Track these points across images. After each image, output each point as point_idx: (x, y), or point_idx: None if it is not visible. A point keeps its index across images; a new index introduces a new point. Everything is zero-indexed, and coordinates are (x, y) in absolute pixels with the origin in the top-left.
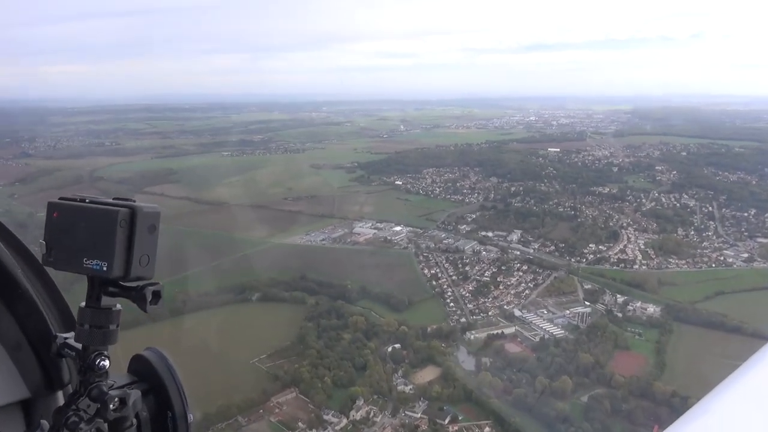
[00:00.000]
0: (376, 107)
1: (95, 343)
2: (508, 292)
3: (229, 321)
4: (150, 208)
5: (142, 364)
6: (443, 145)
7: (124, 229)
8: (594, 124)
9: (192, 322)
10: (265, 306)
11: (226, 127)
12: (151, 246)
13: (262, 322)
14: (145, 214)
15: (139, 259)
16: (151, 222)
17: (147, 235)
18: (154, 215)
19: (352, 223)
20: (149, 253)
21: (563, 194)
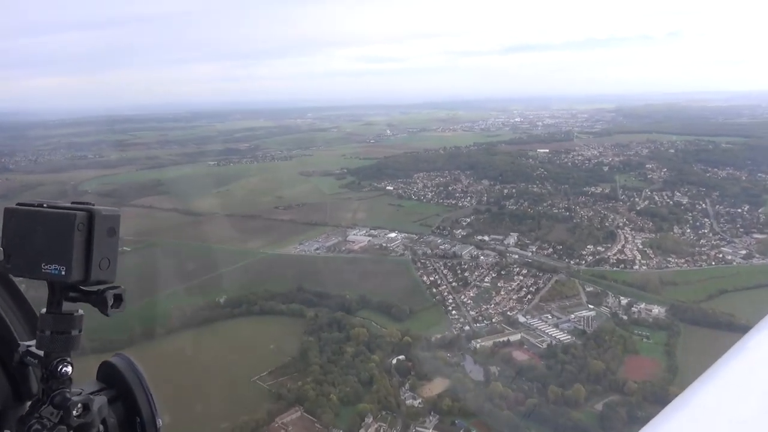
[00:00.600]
0: (361, 112)
1: (57, 349)
2: (509, 298)
3: (226, 337)
4: (109, 211)
5: (110, 370)
6: (432, 148)
7: (82, 232)
8: (579, 123)
9: (189, 339)
10: (262, 320)
11: (210, 136)
12: (112, 249)
13: (260, 337)
14: (104, 217)
15: (99, 262)
16: (110, 225)
17: (106, 238)
18: (114, 218)
19: (345, 231)
20: (109, 256)
21: (556, 195)
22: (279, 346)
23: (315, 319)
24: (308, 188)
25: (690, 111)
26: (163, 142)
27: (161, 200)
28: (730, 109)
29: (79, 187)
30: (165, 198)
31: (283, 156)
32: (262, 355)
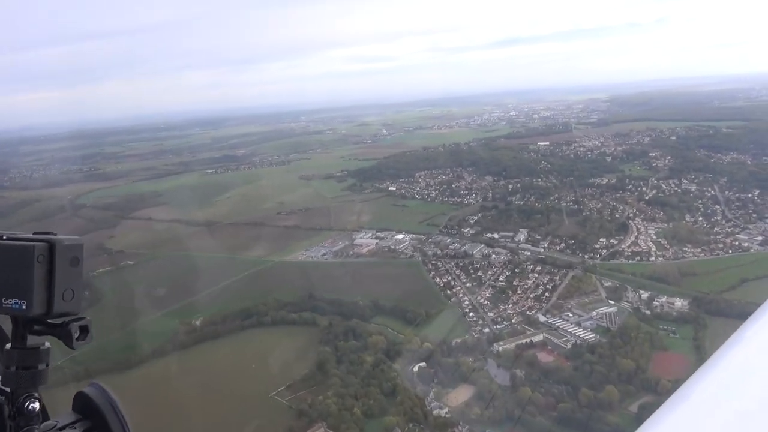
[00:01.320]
0: (355, 113)
1: (23, 385)
2: (527, 297)
3: (239, 350)
4: (71, 241)
5: (85, 401)
6: (430, 146)
7: (42, 264)
8: (575, 114)
9: (201, 355)
10: (275, 331)
11: (205, 143)
12: (76, 279)
13: (274, 349)
14: (66, 247)
15: (62, 294)
16: (73, 254)
17: (69, 268)
18: (77, 247)
19: (351, 235)
20: (73, 287)
21: (562, 188)
22: (295, 358)
23: (329, 328)
24: (309, 192)
25: (684, 96)
26: (158, 152)
27: (161, 211)
28: (724, 93)
29: (77, 201)
30: (165, 209)
31: (280, 161)
32: (278, 368)
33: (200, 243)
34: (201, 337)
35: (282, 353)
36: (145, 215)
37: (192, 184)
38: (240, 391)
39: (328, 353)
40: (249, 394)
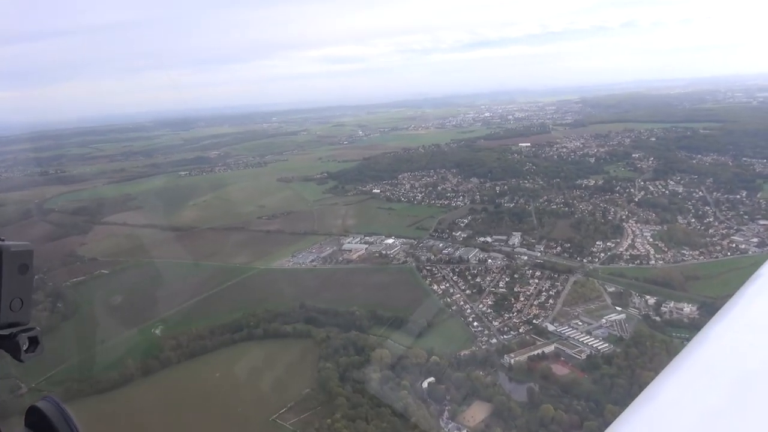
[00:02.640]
0: (327, 114)
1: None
2: (530, 304)
3: (232, 367)
4: (19, 247)
5: (38, 416)
6: (410, 147)
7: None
8: (549, 115)
9: (190, 373)
10: (268, 344)
11: (176, 145)
12: (25, 288)
13: (270, 366)
14: (14, 254)
15: (10, 303)
16: (22, 262)
17: (18, 276)
18: (26, 254)
19: (339, 240)
20: (22, 296)
21: (550, 190)
22: (293, 375)
23: (326, 341)
24: (290, 195)
25: (653, 98)
26: (127, 154)
27: (135, 216)
28: (692, 95)
29: (45, 205)
30: (139, 213)
31: (256, 162)
32: (276, 387)
33: (179, 250)
34: (189, 353)
35: (278, 370)
36: (118, 220)
37: (165, 187)
38: (237, 415)
39: (330, 370)
40: (248, 418)
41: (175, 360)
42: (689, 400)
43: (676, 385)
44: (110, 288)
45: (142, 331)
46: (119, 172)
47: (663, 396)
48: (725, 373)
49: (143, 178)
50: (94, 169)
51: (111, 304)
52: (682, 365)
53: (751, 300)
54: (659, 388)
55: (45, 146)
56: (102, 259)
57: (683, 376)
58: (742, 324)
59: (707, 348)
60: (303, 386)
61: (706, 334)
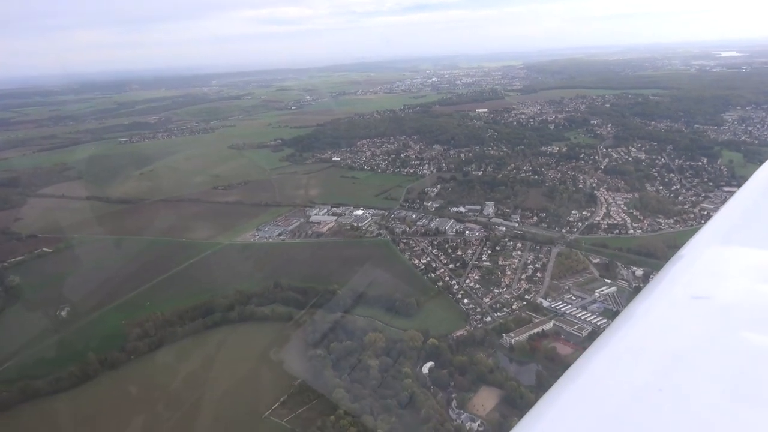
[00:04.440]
0: (268, 77)
1: None
2: (518, 278)
3: (209, 357)
4: None
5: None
6: (363, 113)
7: None
8: (497, 81)
9: (162, 366)
10: (245, 329)
11: (109, 109)
12: None
13: (252, 354)
14: None
15: None
16: None
17: None
18: None
19: (304, 211)
20: None
21: (516, 157)
22: (279, 364)
23: (311, 324)
24: (245, 163)
25: (595, 65)
26: (56, 119)
27: (74, 187)
28: (631, 62)
29: None
30: (78, 184)
31: (201, 128)
32: (262, 379)
33: (130, 224)
34: (157, 342)
35: (262, 359)
36: (55, 192)
37: (105, 155)
38: (226, 412)
39: (322, 357)
40: (238, 416)
41: (144, 350)
42: (615, 379)
43: (602, 364)
44: (56, 269)
45: (101, 317)
46: (49, 138)
47: (588, 374)
48: (649, 352)
49: (77, 145)
50: (20, 135)
51: (60, 287)
52: (607, 343)
53: (674, 279)
54: (584, 367)
55: None
56: (42, 235)
57: (609, 354)
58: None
59: (632, 326)
60: (293, 377)
61: (631, 312)
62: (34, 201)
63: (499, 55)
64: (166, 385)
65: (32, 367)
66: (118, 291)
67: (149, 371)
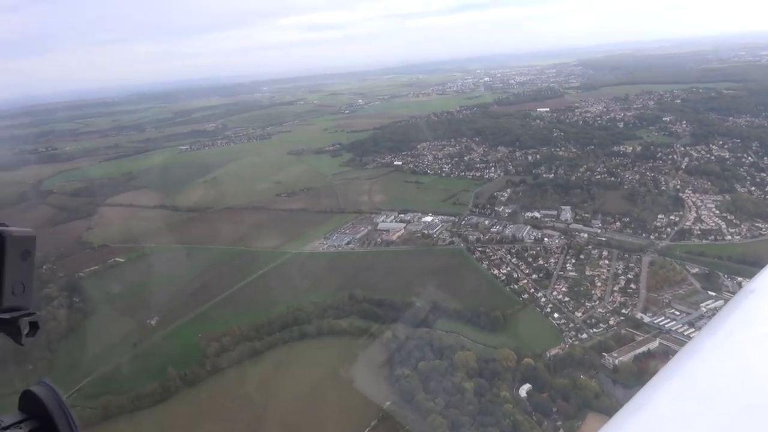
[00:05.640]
0: (317, 82)
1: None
2: (610, 290)
3: (290, 375)
4: (22, 233)
5: (33, 401)
6: (419, 115)
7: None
8: (552, 79)
9: (242, 383)
10: (323, 344)
11: (167, 118)
12: (26, 273)
13: (335, 372)
14: (17, 239)
15: (12, 288)
16: (24, 247)
17: (20, 261)
18: (28, 240)
19: (371, 218)
20: (24, 280)
21: (587, 158)
22: (365, 383)
23: (393, 339)
24: (305, 169)
25: (654, 59)
26: (118, 128)
27: (141, 196)
28: (693, 55)
29: (41, 186)
30: (144, 193)
31: (258, 135)
32: (350, 399)
33: (198, 232)
34: (236, 357)
35: (346, 377)
36: (123, 201)
37: (168, 164)
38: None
39: (411, 378)
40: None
41: (223, 365)
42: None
43: (663, 399)
44: (129, 279)
45: (177, 330)
46: (113, 148)
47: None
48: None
49: (140, 154)
50: (86, 146)
51: (134, 298)
52: (670, 378)
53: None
54: (645, 401)
55: (30, 122)
56: (114, 245)
57: (671, 389)
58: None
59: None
60: (382, 398)
61: (698, 345)
62: (104, 210)
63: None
64: (248, 405)
65: (112, 382)
66: (192, 302)
67: (230, 389)
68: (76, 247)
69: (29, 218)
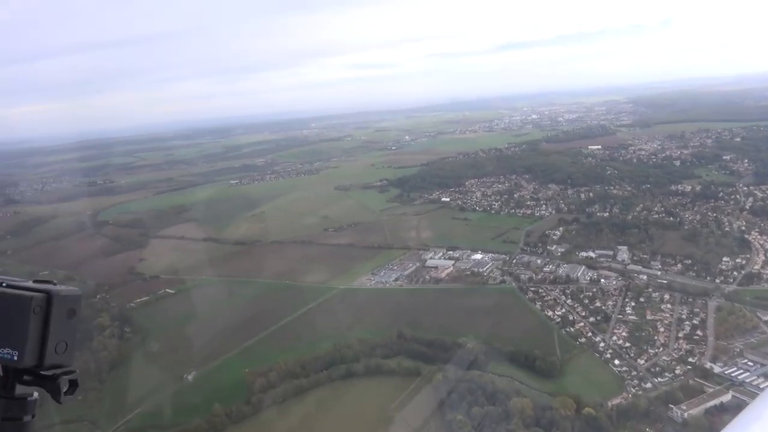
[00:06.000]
0: (365, 119)
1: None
2: (675, 336)
3: (338, 417)
4: (69, 292)
5: None
6: (467, 152)
7: (38, 315)
8: (602, 116)
9: (289, 422)
10: (372, 384)
11: (218, 153)
12: (70, 332)
13: (385, 415)
14: (63, 299)
15: (55, 346)
16: (70, 306)
17: (65, 320)
18: (74, 299)
19: (419, 254)
20: (67, 339)
21: (643, 197)
22: (415, 429)
23: (444, 382)
24: (352, 204)
25: (708, 97)
26: (171, 162)
27: (191, 228)
28: (751, 92)
29: (98, 217)
30: (195, 226)
31: (306, 170)
32: None
33: (246, 266)
34: (282, 394)
35: (396, 421)
36: (174, 233)
37: (218, 197)
38: None
39: (463, 423)
40: None
41: (269, 403)
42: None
43: None
44: (179, 310)
45: (223, 365)
46: (166, 181)
47: None
48: None
49: (192, 188)
50: (141, 179)
51: (183, 330)
52: None
53: None
54: None
55: (89, 156)
56: (164, 276)
57: None
58: None
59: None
60: None
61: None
62: (156, 242)
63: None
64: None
65: (158, 416)
66: (239, 336)
67: (275, 428)
68: (129, 278)
69: (86, 248)
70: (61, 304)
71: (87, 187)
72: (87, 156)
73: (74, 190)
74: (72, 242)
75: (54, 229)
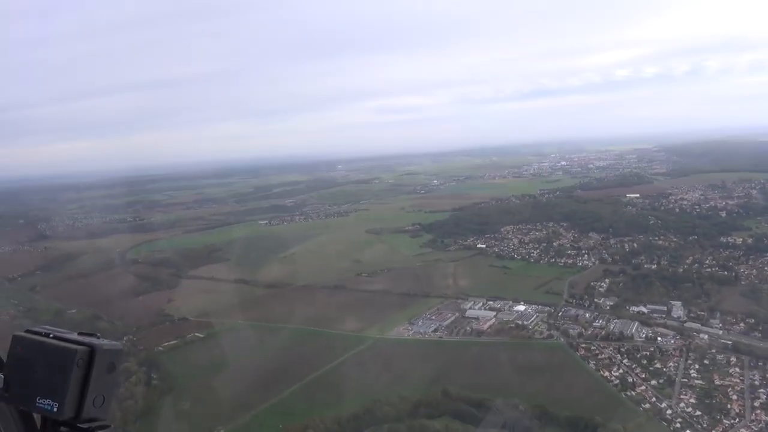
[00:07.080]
0: (391, 162)
1: None
2: (750, 405)
3: None
4: (111, 346)
5: None
6: (500, 197)
7: (81, 368)
8: (634, 164)
9: None
10: None
11: (247, 192)
12: (109, 386)
13: None
14: (105, 353)
15: (93, 399)
16: (110, 360)
17: (105, 374)
18: (116, 353)
19: (458, 304)
20: (105, 393)
21: (691, 249)
22: None
23: None
24: (385, 249)
25: (744, 146)
26: (200, 201)
27: (222, 269)
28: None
29: (127, 255)
30: (225, 266)
31: (335, 212)
32: None
33: (276, 311)
34: None
35: None
36: (204, 274)
37: (249, 237)
38: None
39: None
40: None
41: None
42: None
43: None
44: (208, 357)
45: (255, 419)
46: (197, 220)
47: None
48: None
49: (222, 227)
50: (172, 217)
51: (212, 378)
52: None
53: None
54: None
55: (122, 193)
56: (193, 319)
57: None
58: None
59: None
60: None
61: None
62: (185, 282)
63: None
64: None
65: None
66: (272, 388)
67: None
68: (157, 319)
69: (115, 286)
70: (102, 359)
71: (117, 223)
72: (119, 193)
73: (105, 226)
74: (101, 280)
75: (83, 265)
